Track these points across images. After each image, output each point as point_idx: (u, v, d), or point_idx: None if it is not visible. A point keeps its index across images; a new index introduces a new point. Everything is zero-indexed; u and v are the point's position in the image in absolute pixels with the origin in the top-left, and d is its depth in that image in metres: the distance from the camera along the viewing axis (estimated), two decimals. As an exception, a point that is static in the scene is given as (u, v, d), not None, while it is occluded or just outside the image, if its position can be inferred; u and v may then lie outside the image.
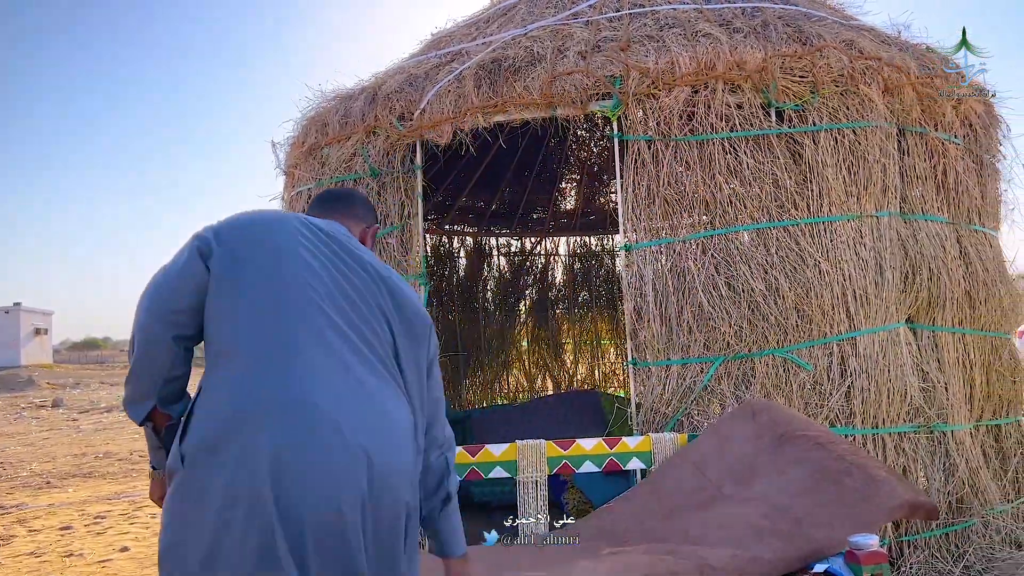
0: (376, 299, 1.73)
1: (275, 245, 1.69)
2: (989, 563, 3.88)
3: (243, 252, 1.67)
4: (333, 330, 1.63)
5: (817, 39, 4.01)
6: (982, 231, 4.48)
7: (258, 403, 1.53)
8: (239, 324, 1.62)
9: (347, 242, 1.79)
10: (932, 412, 3.91)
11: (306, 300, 1.64)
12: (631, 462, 2.90)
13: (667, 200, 3.87)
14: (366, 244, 2.05)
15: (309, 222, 1.78)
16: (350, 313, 1.67)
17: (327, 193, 2.13)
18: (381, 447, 1.56)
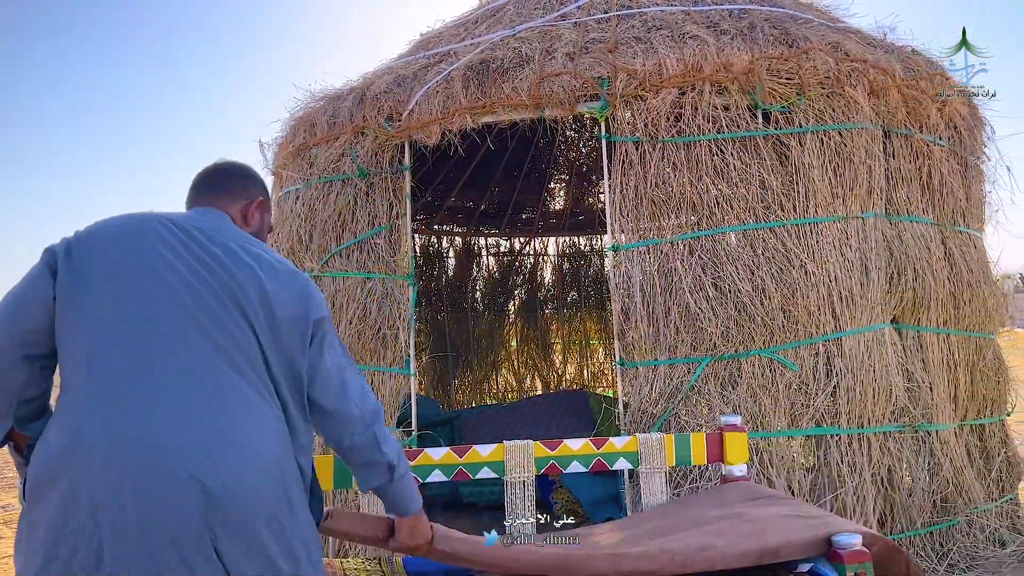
0: (237, 297, 1.65)
1: (125, 257, 1.63)
2: (973, 561, 3.92)
3: (91, 266, 1.60)
4: (184, 345, 1.58)
5: (803, 41, 4.04)
6: (967, 232, 4.52)
7: (81, 443, 1.47)
8: (78, 347, 1.55)
9: (210, 238, 1.71)
10: (917, 412, 3.95)
11: (154, 317, 1.58)
12: (618, 462, 2.90)
13: (654, 201, 3.89)
14: (249, 221, 1.94)
15: (171, 223, 1.70)
16: (206, 322, 1.61)
17: (199, 177, 1.97)
18: (222, 472, 1.50)
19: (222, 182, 1.94)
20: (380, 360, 4.18)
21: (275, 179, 5.15)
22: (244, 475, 1.53)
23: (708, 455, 2.93)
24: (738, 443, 2.92)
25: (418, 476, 2.75)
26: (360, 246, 4.27)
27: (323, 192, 4.44)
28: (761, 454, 3.69)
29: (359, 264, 4.25)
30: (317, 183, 4.47)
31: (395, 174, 4.28)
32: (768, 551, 2.14)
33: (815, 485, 3.76)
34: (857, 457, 3.77)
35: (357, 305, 4.19)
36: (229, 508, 1.49)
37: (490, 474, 2.83)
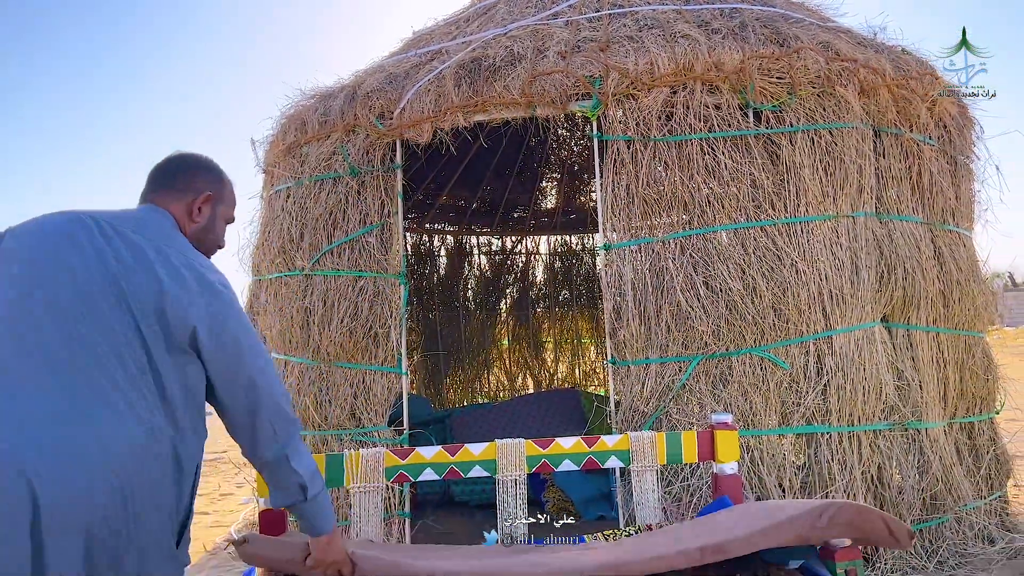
0: (128, 297, 1.65)
1: (31, 253, 1.65)
2: (962, 559, 3.94)
3: (3, 256, 1.65)
4: (56, 342, 1.58)
5: (794, 40, 4.05)
6: (956, 231, 4.54)
7: None
8: None
9: (124, 238, 1.71)
10: (907, 410, 3.96)
11: (33, 311, 1.59)
12: (610, 460, 2.90)
13: (646, 200, 3.89)
14: (195, 218, 1.91)
15: (93, 222, 1.70)
16: (86, 321, 1.61)
17: (151, 171, 1.94)
18: (51, 473, 1.46)
19: (166, 179, 1.91)
20: (372, 359, 4.17)
21: (266, 177, 5.13)
22: (74, 478, 1.49)
23: (699, 453, 2.93)
24: (729, 441, 2.92)
25: (410, 475, 2.75)
26: (351, 244, 4.26)
27: (314, 190, 4.42)
28: (752, 452, 3.70)
29: (350, 263, 4.24)
30: (308, 181, 4.46)
31: (386, 172, 4.27)
32: (710, 547, 2.08)
33: (805, 483, 3.77)
34: (847, 455, 3.79)
35: (348, 304, 4.18)
36: (54, 510, 1.46)
37: (482, 473, 2.83)
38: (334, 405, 4.18)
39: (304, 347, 4.34)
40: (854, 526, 2.12)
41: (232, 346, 1.75)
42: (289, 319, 4.40)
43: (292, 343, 4.44)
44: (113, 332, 1.62)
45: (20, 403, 1.52)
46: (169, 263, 1.71)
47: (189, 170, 1.94)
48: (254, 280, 5.05)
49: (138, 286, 1.66)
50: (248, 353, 1.79)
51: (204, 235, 1.93)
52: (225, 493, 6.81)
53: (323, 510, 1.96)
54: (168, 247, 1.75)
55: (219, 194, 1.96)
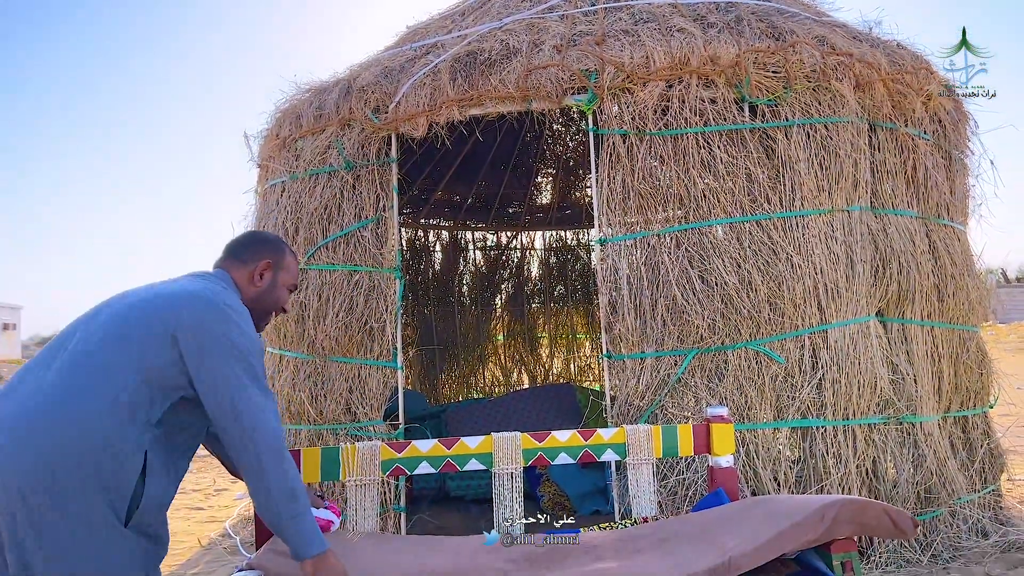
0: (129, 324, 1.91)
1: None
2: (956, 552, 3.95)
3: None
4: (64, 358, 1.87)
5: (790, 35, 4.04)
6: (951, 225, 4.55)
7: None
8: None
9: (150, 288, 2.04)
10: (901, 404, 3.97)
11: (57, 346, 1.94)
12: (606, 454, 2.90)
13: (641, 194, 3.89)
14: (255, 281, 2.21)
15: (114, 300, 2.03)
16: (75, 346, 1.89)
17: (226, 247, 2.30)
18: (11, 448, 1.73)
19: (233, 251, 2.26)
20: (367, 353, 4.16)
21: (261, 171, 5.12)
22: (23, 453, 1.74)
23: (695, 446, 2.93)
24: (725, 435, 2.92)
25: (406, 468, 2.75)
26: (346, 239, 4.25)
27: (309, 185, 4.41)
28: (747, 446, 3.70)
29: (345, 257, 4.23)
30: (303, 176, 4.45)
31: (381, 166, 4.26)
32: (719, 568, 2.04)
33: (800, 477, 3.78)
34: (842, 449, 3.80)
35: (343, 298, 4.17)
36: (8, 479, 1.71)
37: (478, 466, 2.83)
38: (329, 400, 4.18)
39: (299, 341, 4.33)
40: (857, 522, 2.12)
41: (208, 350, 1.96)
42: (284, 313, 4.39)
43: (287, 338, 4.42)
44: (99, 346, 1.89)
45: (28, 395, 1.84)
46: (162, 291, 2.01)
47: (251, 245, 2.28)
48: (249, 275, 5.04)
49: (136, 312, 1.96)
50: (224, 360, 1.98)
51: (265, 297, 2.23)
52: (220, 488, 6.80)
53: (301, 534, 1.91)
54: (178, 285, 2.06)
55: (278, 262, 2.26)
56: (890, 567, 3.79)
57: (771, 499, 2.57)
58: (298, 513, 1.89)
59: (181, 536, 5.18)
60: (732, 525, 2.31)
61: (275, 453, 1.88)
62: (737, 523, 2.31)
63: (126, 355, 1.86)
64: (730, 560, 2.03)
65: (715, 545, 2.18)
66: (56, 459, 1.73)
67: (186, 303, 1.93)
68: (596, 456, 2.91)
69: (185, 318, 1.90)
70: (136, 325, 1.90)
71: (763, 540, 2.08)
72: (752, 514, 2.35)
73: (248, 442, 1.86)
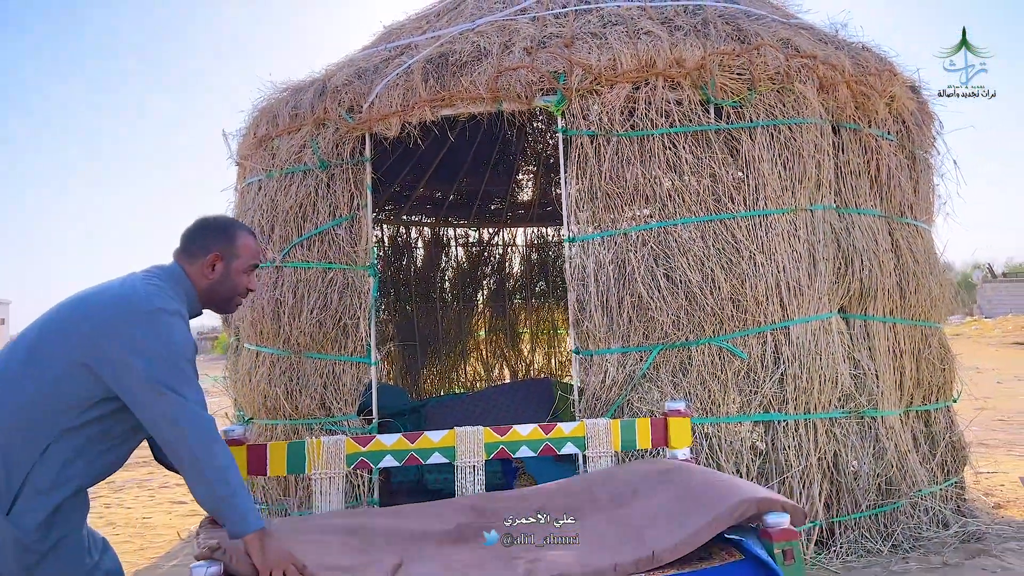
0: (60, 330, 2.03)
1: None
2: (916, 542, 4.06)
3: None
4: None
5: (755, 38, 4.13)
6: (913, 224, 4.65)
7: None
8: None
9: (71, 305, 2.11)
10: (862, 398, 4.07)
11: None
12: (566, 447, 2.99)
13: (609, 194, 3.98)
14: (207, 274, 2.26)
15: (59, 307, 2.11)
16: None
17: (180, 237, 2.34)
18: None
19: (185, 244, 2.30)
20: (341, 349, 4.24)
21: (239, 169, 5.18)
22: None
23: (653, 439, 3.03)
24: (682, 428, 3.02)
25: (371, 461, 2.83)
26: (321, 237, 4.32)
27: (284, 183, 4.48)
28: (711, 439, 3.80)
29: (320, 254, 4.30)
30: (279, 174, 4.51)
31: (356, 165, 4.33)
32: (644, 560, 2.18)
33: (763, 470, 3.88)
34: (804, 442, 3.90)
35: (318, 295, 4.25)
36: None
37: (441, 459, 2.92)
38: (304, 395, 4.25)
39: (275, 338, 4.40)
40: (761, 512, 2.29)
41: (118, 356, 2.06)
42: (260, 310, 4.46)
43: (263, 334, 4.50)
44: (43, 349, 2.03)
45: None
46: (82, 302, 2.10)
47: (199, 236, 2.29)
48: (227, 271, 5.10)
49: (64, 319, 2.06)
50: (136, 363, 2.06)
51: (218, 287, 2.28)
52: (202, 483, 6.86)
53: (235, 510, 1.97)
54: (96, 295, 2.12)
55: (228, 251, 2.28)
56: (851, 557, 3.90)
57: (681, 473, 2.69)
58: (233, 492, 1.96)
59: (161, 529, 5.26)
60: (649, 509, 2.47)
61: (203, 444, 1.95)
62: (652, 508, 2.47)
63: (39, 380, 1.97)
64: (653, 554, 2.18)
65: (637, 534, 2.33)
66: None
67: (98, 325, 2.00)
68: (557, 449, 3.00)
69: (97, 345, 1.98)
70: (48, 356, 2.00)
71: (682, 537, 2.23)
72: (666, 495, 2.50)
73: (178, 442, 1.94)
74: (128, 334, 1.98)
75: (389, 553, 2.33)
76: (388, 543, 2.44)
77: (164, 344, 2.00)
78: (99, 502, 6.22)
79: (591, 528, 2.50)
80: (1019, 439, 7.71)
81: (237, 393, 4.93)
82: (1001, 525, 4.52)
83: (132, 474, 7.48)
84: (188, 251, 2.28)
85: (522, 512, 2.69)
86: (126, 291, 2.06)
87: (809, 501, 3.87)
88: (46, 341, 2.01)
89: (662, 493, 2.57)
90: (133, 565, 4.45)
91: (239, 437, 2.70)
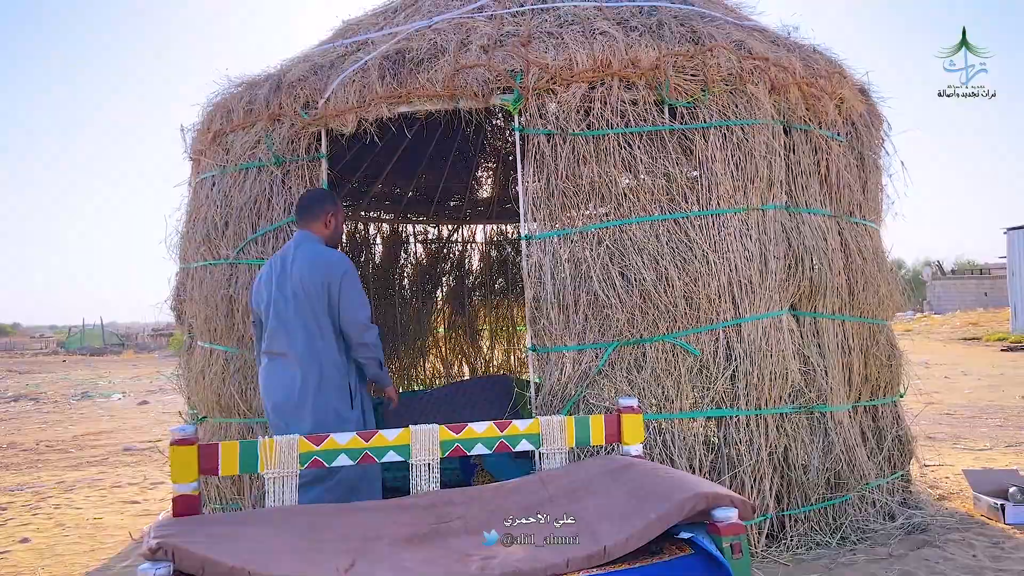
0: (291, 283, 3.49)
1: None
2: (864, 534, 4.17)
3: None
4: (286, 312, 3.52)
5: (709, 39, 4.18)
6: (862, 223, 4.75)
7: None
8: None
9: (286, 258, 3.56)
10: (812, 394, 4.16)
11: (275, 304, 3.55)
12: (521, 444, 3.02)
13: (565, 192, 4.01)
14: (329, 227, 3.66)
15: (275, 260, 3.61)
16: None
17: (295, 208, 3.73)
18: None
19: (305, 210, 3.66)
20: (296, 347, 4.20)
21: (194, 164, 5.11)
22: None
23: (606, 436, 3.07)
24: (634, 424, 3.06)
25: (324, 460, 2.82)
26: (276, 233, 4.28)
27: (239, 179, 4.43)
28: (664, 435, 3.85)
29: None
30: (233, 170, 4.46)
31: (312, 162, 4.31)
32: (596, 554, 2.23)
33: (715, 465, 3.95)
34: (755, 437, 3.97)
35: (273, 292, 4.20)
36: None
37: (396, 457, 2.92)
38: (258, 393, 4.21)
39: (229, 336, 4.36)
40: (710, 507, 2.36)
41: (338, 290, 3.48)
42: (214, 307, 4.41)
43: (217, 332, 4.45)
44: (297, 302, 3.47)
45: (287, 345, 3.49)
46: (301, 256, 3.50)
47: (314, 203, 3.66)
48: (181, 268, 5.03)
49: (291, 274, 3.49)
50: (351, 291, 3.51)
51: (334, 235, 3.70)
52: (156, 482, 6.77)
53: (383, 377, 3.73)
54: (302, 249, 3.55)
55: (336, 209, 3.70)
56: (800, 549, 3.98)
57: (633, 470, 2.75)
58: (385, 369, 3.71)
59: (112, 530, 5.17)
60: (601, 506, 2.53)
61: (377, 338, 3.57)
62: (605, 505, 2.52)
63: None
64: (605, 549, 2.23)
65: (589, 530, 2.38)
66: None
67: (327, 263, 3.45)
68: (512, 447, 3.03)
69: (332, 273, 3.43)
70: (309, 284, 3.42)
71: (633, 531, 2.29)
72: (619, 492, 2.55)
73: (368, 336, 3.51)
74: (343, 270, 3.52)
75: (341, 554, 2.33)
76: (342, 542, 2.44)
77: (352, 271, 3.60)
78: (48, 503, 6.10)
79: (543, 524, 2.54)
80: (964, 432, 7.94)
81: (190, 391, 4.87)
82: (944, 516, 4.65)
83: (83, 474, 7.35)
84: (310, 215, 3.63)
85: (478, 512, 2.71)
86: (320, 251, 3.52)
87: (760, 495, 3.94)
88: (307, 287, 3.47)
89: (615, 490, 2.62)
90: (84, 567, 4.37)
91: (190, 437, 2.67)
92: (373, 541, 2.46)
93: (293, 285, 3.43)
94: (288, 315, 3.43)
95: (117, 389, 17.10)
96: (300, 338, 3.42)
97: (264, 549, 2.27)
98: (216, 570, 2.01)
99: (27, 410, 13.86)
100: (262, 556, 2.19)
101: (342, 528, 2.53)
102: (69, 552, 4.67)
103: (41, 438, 10.15)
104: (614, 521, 2.38)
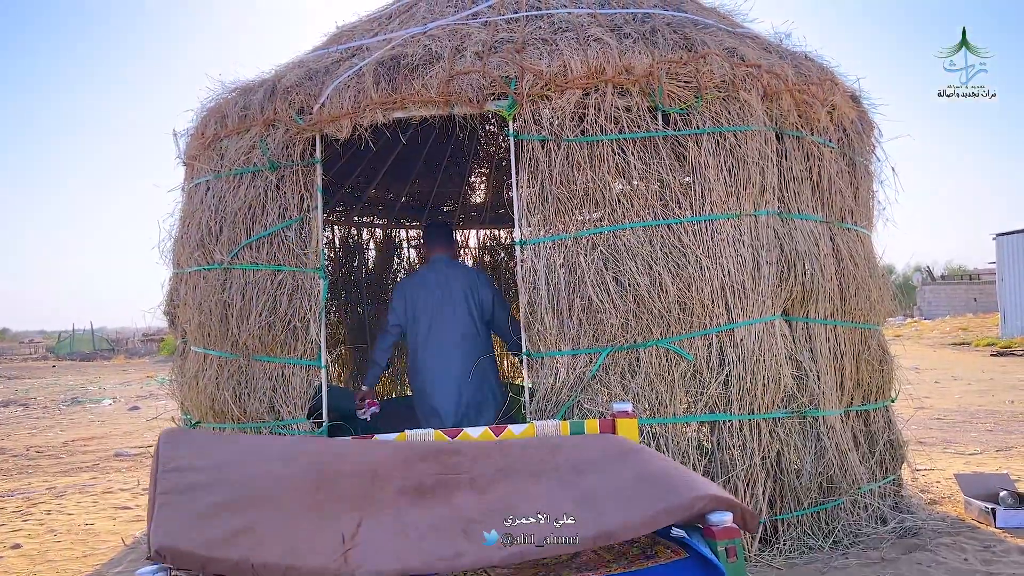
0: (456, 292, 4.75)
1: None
2: (856, 538, 4.19)
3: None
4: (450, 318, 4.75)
5: (702, 46, 4.21)
6: (854, 229, 4.79)
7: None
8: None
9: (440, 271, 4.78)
10: (804, 399, 4.18)
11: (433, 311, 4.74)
12: (516, 449, 3.04)
13: (559, 198, 4.03)
14: (457, 252, 4.74)
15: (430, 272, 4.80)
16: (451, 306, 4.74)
17: (430, 233, 5.03)
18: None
19: (443, 240, 4.90)
20: (291, 352, 4.22)
21: (187, 170, 5.10)
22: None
23: (601, 441, 3.08)
24: (629, 429, 3.09)
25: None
26: (270, 239, 4.29)
27: (233, 184, 4.43)
28: (658, 439, 3.87)
29: (269, 257, 4.27)
30: (227, 175, 4.47)
31: (306, 167, 4.31)
32: (603, 535, 2.26)
33: (709, 469, 3.96)
34: (748, 441, 3.99)
35: (267, 298, 4.21)
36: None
37: (392, 462, 2.93)
38: (253, 398, 4.22)
39: (223, 340, 4.36)
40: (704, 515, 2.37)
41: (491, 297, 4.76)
42: (208, 313, 4.41)
43: (211, 337, 4.45)
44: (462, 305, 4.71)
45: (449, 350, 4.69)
46: (457, 271, 4.77)
47: (449, 234, 4.90)
48: (174, 273, 5.03)
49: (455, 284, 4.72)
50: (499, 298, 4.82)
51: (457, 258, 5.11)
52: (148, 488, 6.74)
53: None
54: (451, 267, 4.81)
55: (456, 240, 5.40)
56: (793, 553, 4.01)
57: (641, 455, 2.76)
58: (373, 368, 5.00)
59: (105, 536, 5.16)
60: (607, 484, 2.55)
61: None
62: (611, 484, 2.54)
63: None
64: (611, 531, 2.26)
65: (595, 507, 2.41)
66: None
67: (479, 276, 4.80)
68: (507, 451, 3.04)
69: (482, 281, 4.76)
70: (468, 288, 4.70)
71: (641, 517, 2.30)
72: (627, 474, 2.59)
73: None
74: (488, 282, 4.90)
75: (347, 513, 2.35)
76: (349, 491, 2.47)
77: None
78: (39, 508, 6.08)
79: (549, 494, 2.53)
80: (954, 437, 7.99)
81: (184, 396, 4.87)
82: (935, 520, 4.69)
83: (74, 479, 7.32)
84: (447, 242, 4.92)
85: (484, 468, 2.75)
86: (469, 269, 4.68)
87: (753, 499, 3.97)
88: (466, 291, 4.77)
89: (624, 472, 2.63)
90: (76, 573, 4.36)
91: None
92: (380, 490, 2.48)
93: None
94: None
95: (107, 394, 17.03)
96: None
97: (273, 506, 2.30)
98: (218, 568, 2.02)
99: (17, 415, 13.79)
100: (271, 518, 2.23)
101: (350, 468, 2.57)
102: (61, 558, 4.66)
103: (31, 444, 10.10)
104: (620, 503, 2.39)
